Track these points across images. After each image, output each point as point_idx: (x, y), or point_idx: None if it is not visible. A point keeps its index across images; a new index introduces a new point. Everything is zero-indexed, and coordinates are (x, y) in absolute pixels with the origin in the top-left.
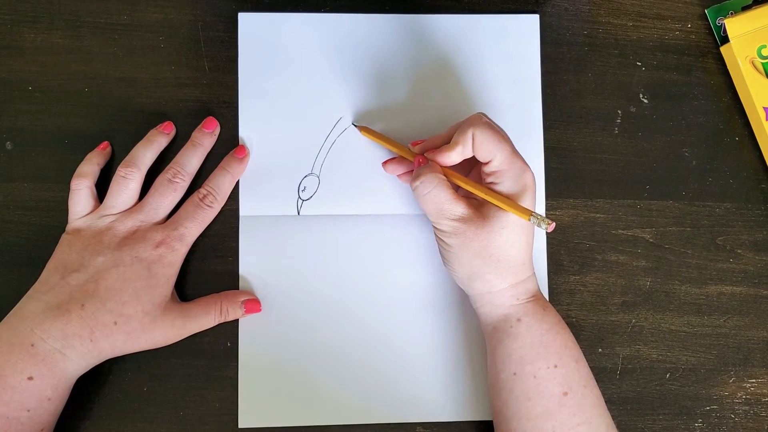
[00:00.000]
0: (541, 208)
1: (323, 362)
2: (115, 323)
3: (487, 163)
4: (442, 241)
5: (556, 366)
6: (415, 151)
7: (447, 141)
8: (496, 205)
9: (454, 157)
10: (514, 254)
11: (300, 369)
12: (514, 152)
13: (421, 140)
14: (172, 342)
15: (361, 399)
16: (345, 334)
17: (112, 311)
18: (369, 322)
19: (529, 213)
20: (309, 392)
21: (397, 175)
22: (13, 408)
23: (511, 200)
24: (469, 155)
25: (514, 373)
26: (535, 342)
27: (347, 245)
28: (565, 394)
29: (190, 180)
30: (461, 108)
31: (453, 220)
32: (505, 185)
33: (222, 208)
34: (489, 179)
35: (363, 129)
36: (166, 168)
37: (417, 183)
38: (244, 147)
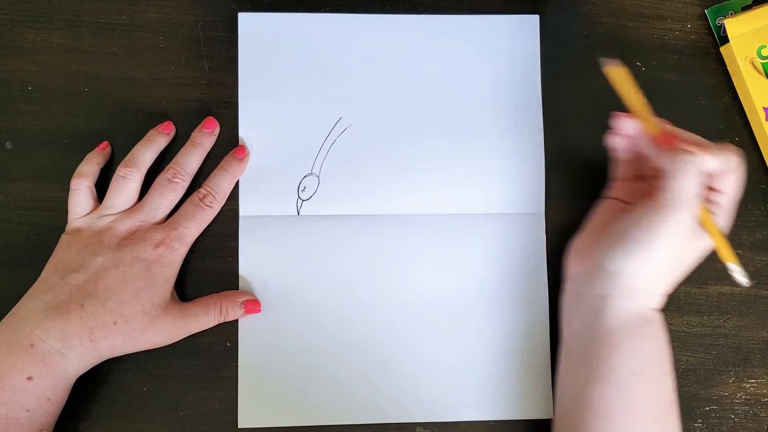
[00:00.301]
0: (541, 208)
1: (323, 362)
2: (115, 323)
3: (714, 190)
4: (674, 218)
5: (667, 374)
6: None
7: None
8: (710, 234)
9: (710, 163)
10: (689, 269)
11: (300, 369)
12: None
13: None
14: (171, 342)
15: (361, 399)
16: (345, 334)
17: (111, 311)
18: (368, 322)
19: (732, 261)
20: (309, 392)
21: (618, 136)
22: (13, 408)
23: (725, 239)
24: (713, 170)
25: (638, 373)
26: (659, 347)
27: (347, 245)
28: (670, 403)
29: (190, 180)
30: (461, 108)
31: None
32: (717, 219)
33: (222, 208)
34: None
35: (616, 70)
36: (166, 168)
37: (695, 159)
38: (243, 147)
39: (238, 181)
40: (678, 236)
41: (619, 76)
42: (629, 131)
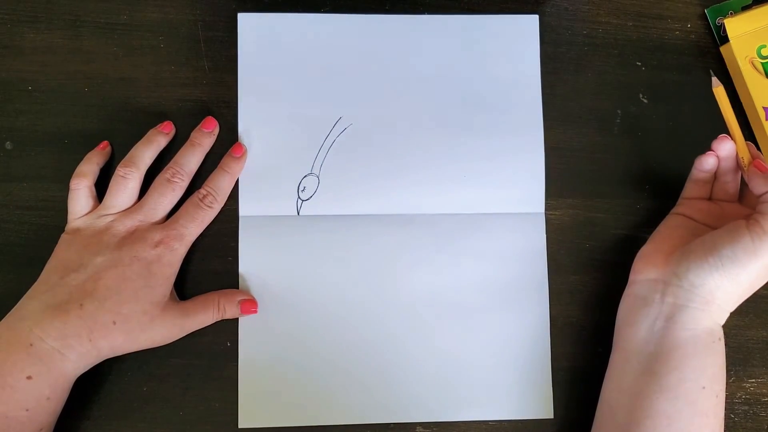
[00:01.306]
0: (541, 208)
1: (323, 362)
2: (114, 323)
3: None
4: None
5: (723, 391)
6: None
7: None
8: None
9: None
10: (760, 286)
11: (300, 369)
12: None
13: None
14: (171, 340)
15: (361, 399)
16: (345, 334)
17: (110, 311)
18: (368, 322)
19: None
20: (309, 392)
21: (714, 157)
22: (12, 407)
23: None
24: None
25: (703, 387)
26: (722, 364)
27: (347, 245)
28: (722, 419)
29: (189, 180)
30: (461, 108)
31: None
32: None
33: (222, 207)
34: None
35: (721, 89)
36: (165, 168)
37: None
38: (240, 145)
39: (238, 180)
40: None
41: (722, 95)
42: (726, 153)
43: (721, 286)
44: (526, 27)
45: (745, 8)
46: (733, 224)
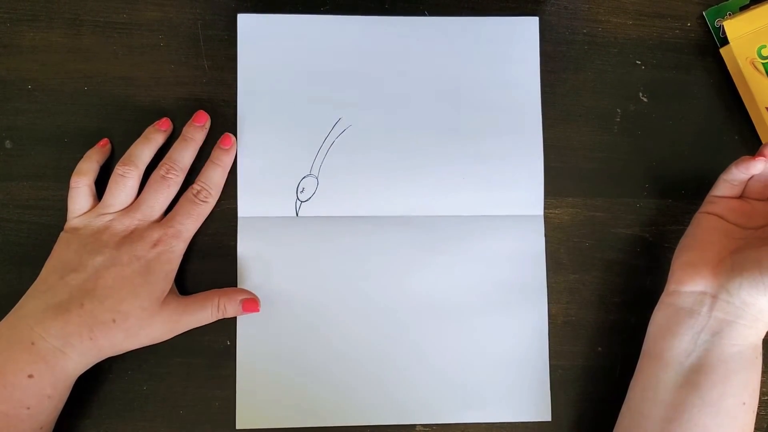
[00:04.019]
0: (540, 207)
1: (321, 364)
2: (114, 321)
3: None
4: None
5: (756, 406)
6: None
7: None
8: None
9: None
10: None
11: (298, 370)
12: None
13: None
14: (170, 336)
15: (359, 400)
16: (343, 335)
17: (110, 309)
18: (367, 323)
19: None
20: (307, 393)
21: (762, 162)
22: (13, 406)
23: None
24: None
25: (744, 403)
26: (759, 379)
27: (345, 247)
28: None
29: (184, 175)
30: (460, 109)
31: None
32: None
33: (221, 207)
34: None
35: None
36: (159, 164)
37: None
38: (229, 136)
39: (237, 181)
40: None
41: None
42: None
43: None
44: (526, 29)
45: (744, 8)
46: None
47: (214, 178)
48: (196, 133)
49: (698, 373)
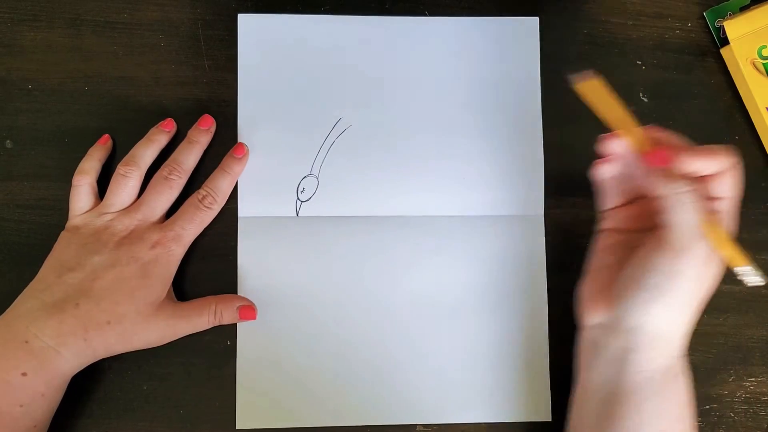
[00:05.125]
0: (540, 210)
1: (321, 363)
2: (109, 323)
3: (714, 198)
4: (679, 251)
5: (686, 429)
6: (647, 139)
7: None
8: (719, 245)
9: (707, 166)
10: (707, 298)
11: (298, 370)
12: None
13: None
14: (165, 341)
15: (360, 400)
16: (343, 335)
17: (105, 311)
18: (367, 323)
19: (744, 263)
20: (307, 393)
21: (607, 164)
22: (7, 403)
23: (733, 244)
24: (712, 171)
25: (663, 431)
26: (684, 403)
27: (346, 247)
28: None
29: (187, 177)
30: (460, 109)
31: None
32: (721, 225)
33: (222, 207)
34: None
35: (588, 83)
36: (163, 165)
37: (684, 188)
38: (242, 145)
39: (237, 181)
40: (695, 271)
41: (591, 89)
42: (617, 152)
43: (661, 319)
44: (526, 29)
45: (744, 9)
46: (643, 250)
47: (221, 186)
48: (200, 136)
49: (613, 405)
